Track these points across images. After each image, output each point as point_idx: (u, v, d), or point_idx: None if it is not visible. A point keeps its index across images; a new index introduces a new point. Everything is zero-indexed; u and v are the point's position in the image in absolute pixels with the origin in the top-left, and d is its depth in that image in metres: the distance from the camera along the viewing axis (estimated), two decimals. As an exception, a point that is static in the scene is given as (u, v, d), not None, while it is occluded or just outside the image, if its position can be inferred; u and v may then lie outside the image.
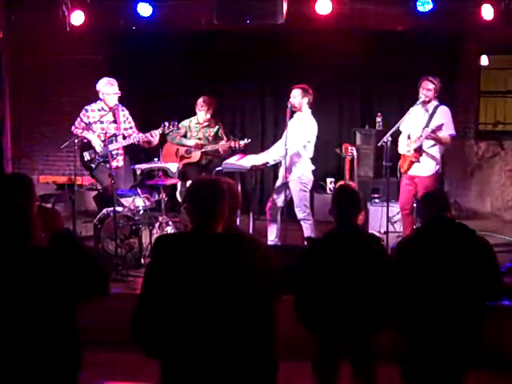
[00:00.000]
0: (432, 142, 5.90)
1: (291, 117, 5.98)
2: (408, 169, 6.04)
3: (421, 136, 5.88)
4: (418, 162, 5.94)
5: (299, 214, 6.05)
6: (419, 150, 5.91)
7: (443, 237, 3.18)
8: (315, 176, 6.29)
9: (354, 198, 3.40)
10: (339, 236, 3.33)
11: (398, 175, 6.25)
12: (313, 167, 6.13)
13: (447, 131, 5.89)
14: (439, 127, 5.82)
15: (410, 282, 3.15)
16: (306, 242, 5.71)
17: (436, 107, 5.93)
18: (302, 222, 6.09)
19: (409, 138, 6.09)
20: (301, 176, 6.02)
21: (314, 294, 3.25)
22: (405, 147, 6.05)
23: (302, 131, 5.96)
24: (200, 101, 7.01)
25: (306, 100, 5.99)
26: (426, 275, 3.13)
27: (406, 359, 3.22)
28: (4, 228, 2.39)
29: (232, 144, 6.66)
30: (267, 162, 6.14)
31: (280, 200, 6.07)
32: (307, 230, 6.05)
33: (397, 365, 3.25)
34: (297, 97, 5.97)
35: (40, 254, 2.41)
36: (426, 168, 5.97)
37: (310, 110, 6.05)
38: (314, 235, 5.91)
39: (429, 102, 5.91)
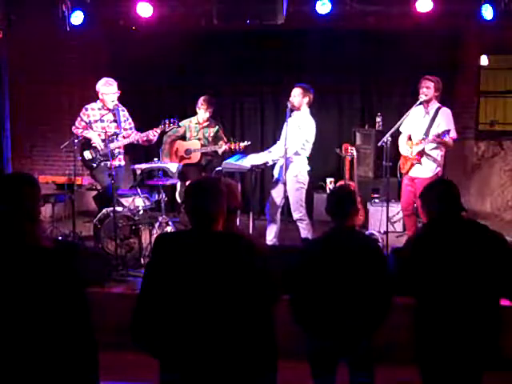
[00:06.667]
0: (434, 144, 5.85)
1: (290, 116, 5.99)
2: (409, 170, 6.03)
3: (423, 139, 5.85)
4: (420, 164, 5.92)
5: (295, 215, 6.05)
6: (421, 152, 5.89)
7: (457, 234, 3.07)
8: (315, 176, 6.28)
9: (348, 198, 3.38)
10: (335, 237, 3.32)
11: (399, 175, 6.23)
12: (308, 168, 6.13)
13: (450, 134, 5.79)
14: (443, 131, 5.72)
15: (426, 280, 3.06)
16: (302, 243, 5.72)
17: (437, 109, 5.89)
18: (298, 223, 6.08)
19: (409, 139, 6.07)
20: (297, 175, 6.01)
21: (310, 295, 3.25)
22: (406, 148, 6.03)
23: (300, 131, 5.95)
24: (200, 100, 7.02)
25: (306, 100, 6.00)
26: (441, 274, 3.02)
27: (424, 359, 3.14)
28: (7, 226, 2.37)
29: (232, 146, 6.67)
30: (267, 162, 6.15)
31: (278, 199, 6.07)
32: (304, 230, 6.05)
33: (398, 365, 3.20)
34: (297, 96, 5.98)
35: (40, 254, 2.38)
36: (426, 169, 5.93)
37: (308, 110, 6.05)
38: (311, 235, 5.91)
39: (429, 101, 5.87)
